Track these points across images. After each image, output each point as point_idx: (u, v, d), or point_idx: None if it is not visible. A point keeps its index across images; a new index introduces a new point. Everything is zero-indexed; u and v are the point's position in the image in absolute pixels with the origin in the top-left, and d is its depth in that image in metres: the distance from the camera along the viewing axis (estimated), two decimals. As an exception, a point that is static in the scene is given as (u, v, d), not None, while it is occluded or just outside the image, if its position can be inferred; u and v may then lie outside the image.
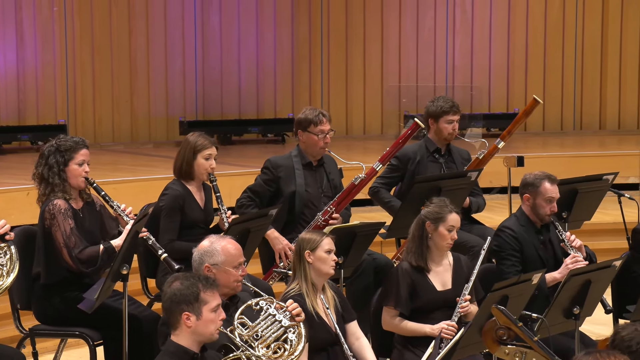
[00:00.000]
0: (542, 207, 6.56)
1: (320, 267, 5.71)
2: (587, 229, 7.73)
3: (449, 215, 6.09)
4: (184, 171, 6.75)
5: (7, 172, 9.87)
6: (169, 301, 4.80)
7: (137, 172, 9.93)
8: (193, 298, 4.76)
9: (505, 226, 6.61)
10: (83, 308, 5.90)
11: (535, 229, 6.60)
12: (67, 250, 5.99)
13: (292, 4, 12.26)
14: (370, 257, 6.96)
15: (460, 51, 12.59)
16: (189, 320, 4.75)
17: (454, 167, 7.55)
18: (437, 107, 7.54)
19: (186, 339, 4.79)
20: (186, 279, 4.83)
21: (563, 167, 9.66)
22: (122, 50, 11.80)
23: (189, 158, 6.73)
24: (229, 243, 5.44)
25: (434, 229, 6.08)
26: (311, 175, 7.15)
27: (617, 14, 12.68)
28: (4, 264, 5.34)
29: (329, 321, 5.70)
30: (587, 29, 12.67)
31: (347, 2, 12.38)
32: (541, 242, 6.60)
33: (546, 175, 6.59)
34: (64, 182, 6.08)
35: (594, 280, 5.91)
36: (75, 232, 5.99)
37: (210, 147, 6.74)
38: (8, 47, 11.40)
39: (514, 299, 5.64)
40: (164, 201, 6.68)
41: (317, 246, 5.70)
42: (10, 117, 11.47)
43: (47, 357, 6.64)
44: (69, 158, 6.09)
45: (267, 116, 12.24)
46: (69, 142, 6.13)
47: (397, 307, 6.01)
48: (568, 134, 12.66)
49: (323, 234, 5.83)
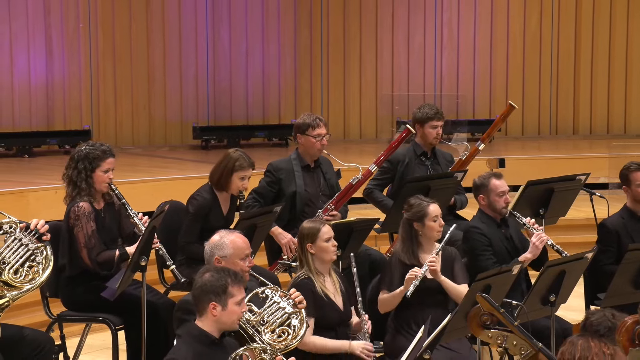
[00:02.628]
0: (497, 202, 6.56)
1: (322, 256, 5.70)
2: (562, 225, 7.73)
3: (428, 208, 6.08)
4: (220, 183, 6.66)
5: (37, 173, 9.87)
6: (199, 290, 4.78)
7: (154, 173, 9.92)
8: (221, 290, 4.74)
9: (472, 226, 6.60)
10: (106, 296, 5.90)
11: (496, 224, 6.59)
12: (87, 251, 6.00)
13: (294, 21, 12.25)
14: (365, 252, 6.96)
15: (447, 63, 12.58)
16: (215, 309, 4.73)
17: (439, 169, 7.54)
18: (423, 113, 7.52)
19: (209, 325, 4.77)
20: (217, 272, 4.80)
21: (540, 168, 9.65)
22: (140, 62, 11.79)
23: (227, 174, 6.63)
24: (237, 237, 5.43)
25: (422, 226, 6.07)
26: (309, 176, 7.14)
27: (589, 30, 12.67)
28: (41, 262, 5.36)
29: (337, 301, 5.71)
30: (562, 43, 12.66)
31: (345, 19, 12.37)
32: (504, 236, 6.60)
33: (491, 174, 6.62)
34: (90, 187, 6.08)
35: (568, 270, 5.91)
36: (95, 235, 6.00)
37: (248, 169, 6.65)
38: (38, 59, 11.40)
39: (496, 287, 5.64)
40: (193, 205, 6.62)
41: (316, 237, 5.69)
42: (40, 122, 11.47)
43: (73, 340, 6.63)
44: (96, 165, 6.08)
45: (272, 122, 12.23)
46: (97, 151, 6.11)
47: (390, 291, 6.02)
48: (544, 138, 12.65)
49: (321, 222, 5.80)
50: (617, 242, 6.82)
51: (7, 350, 5.32)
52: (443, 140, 7.62)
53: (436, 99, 12.30)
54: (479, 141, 7.67)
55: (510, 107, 7.69)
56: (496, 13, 12.55)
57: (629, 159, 7.14)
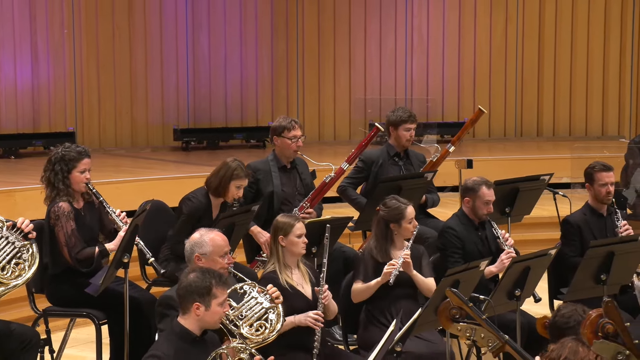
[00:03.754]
0: (480, 209, 6.56)
1: (292, 250, 5.71)
2: (526, 223, 7.75)
3: (406, 210, 6.08)
4: (217, 190, 6.63)
5: (24, 174, 9.80)
6: (184, 289, 4.75)
7: (137, 174, 9.87)
8: (205, 292, 4.71)
9: (448, 227, 6.60)
10: (90, 292, 5.86)
11: (474, 226, 6.60)
12: (67, 249, 5.96)
13: (271, 28, 12.23)
14: (340, 250, 6.95)
15: (417, 68, 12.59)
16: (199, 310, 4.71)
17: (411, 169, 7.55)
18: (396, 116, 7.52)
19: (192, 324, 4.75)
20: (202, 273, 4.77)
21: (506, 168, 9.67)
22: (123, 67, 11.73)
23: (225, 182, 6.60)
24: (216, 235, 5.41)
25: (398, 227, 6.07)
26: (286, 176, 7.13)
27: (552, 38, 12.72)
28: (27, 259, 5.32)
29: (304, 291, 5.69)
30: (526, 50, 12.70)
31: (320, 26, 12.36)
32: (480, 238, 6.60)
33: (484, 181, 6.59)
34: (68, 187, 6.03)
35: (533, 266, 5.92)
36: (75, 234, 5.95)
37: (245, 179, 6.64)
38: (24, 64, 11.32)
39: (464, 283, 5.65)
40: (188, 207, 6.58)
41: (289, 232, 5.69)
42: (26, 125, 11.39)
43: (58, 334, 6.58)
44: (72, 167, 6.03)
45: (250, 124, 12.20)
46: (73, 152, 6.06)
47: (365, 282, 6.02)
48: (510, 140, 12.69)
49: (296, 219, 5.80)
50: (579, 236, 6.86)
51: (-6, 344, 5.30)
52: (414, 141, 7.63)
53: (407, 102, 12.31)
54: (450, 144, 7.68)
55: (479, 112, 7.70)
56: (464, 21, 12.57)
57: (590, 160, 7.17)
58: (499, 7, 12.58)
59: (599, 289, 6.30)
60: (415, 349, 5.75)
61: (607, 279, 6.27)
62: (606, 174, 6.91)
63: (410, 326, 5.29)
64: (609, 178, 6.91)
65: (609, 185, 6.89)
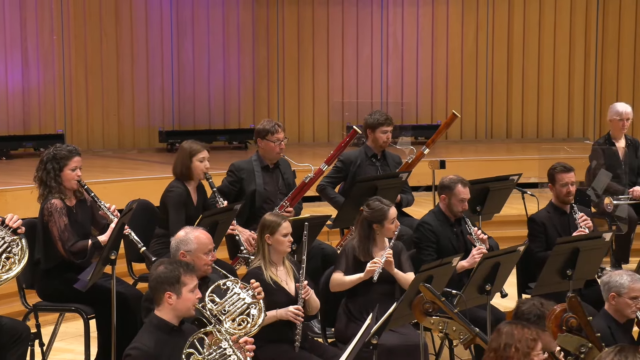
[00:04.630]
0: (456, 206, 6.58)
1: (277, 248, 5.71)
2: (497, 220, 7.78)
3: (389, 212, 6.09)
4: (184, 173, 6.66)
5: (15, 174, 9.75)
6: (155, 281, 4.76)
7: (124, 174, 9.84)
8: (175, 280, 4.73)
9: (424, 221, 6.62)
10: (78, 287, 5.85)
11: (449, 222, 6.62)
12: (61, 243, 5.94)
13: (253, 35, 12.22)
14: (318, 247, 6.95)
15: (393, 73, 12.61)
16: (171, 298, 4.72)
17: (388, 170, 7.56)
18: (374, 119, 7.54)
19: (167, 314, 4.75)
20: (170, 264, 4.81)
21: (477, 169, 9.70)
22: (110, 71, 11.69)
23: (186, 162, 6.65)
24: (201, 233, 5.41)
25: (381, 227, 6.08)
26: (269, 176, 7.12)
27: (520, 45, 12.75)
28: (17, 253, 5.30)
29: (288, 287, 5.68)
30: (496, 56, 12.74)
31: (299, 34, 12.35)
32: (454, 234, 6.62)
33: (459, 180, 6.61)
34: (60, 184, 6.02)
35: (502, 262, 5.94)
36: (68, 228, 5.95)
37: (203, 150, 6.70)
38: (15, 68, 11.27)
39: (437, 278, 5.65)
40: (171, 198, 6.58)
41: (276, 230, 5.69)
42: (17, 127, 11.33)
43: (48, 328, 6.56)
44: (64, 165, 6.03)
45: (232, 126, 12.18)
46: (63, 151, 6.06)
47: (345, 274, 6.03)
48: (481, 142, 12.73)
49: (282, 218, 5.79)
50: (544, 233, 6.90)
51: (-15, 338, 5.27)
52: (390, 143, 7.64)
53: (383, 106, 12.32)
54: (424, 146, 7.70)
55: (453, 116, 7.72)
56: (437, 28, 12.60)
57: (556, 160, 7.22)
58: (470, 16, 12.62)
59: (565, 283, 6.33)
60: (390, 342, 5.76)
61: (573, 274, 6.31)
62: (566, 175, 6.96)
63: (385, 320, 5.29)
64: (569, 178, 6.96)
65: (570, 185, 6.94)
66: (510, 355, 4.22)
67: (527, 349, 4.23)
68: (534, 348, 4.22)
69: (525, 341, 4.25)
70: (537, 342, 4.27)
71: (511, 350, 4.21)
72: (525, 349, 4.23)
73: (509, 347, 4.22)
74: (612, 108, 8.55)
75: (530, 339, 4.27)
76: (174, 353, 4.67)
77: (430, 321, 4.87)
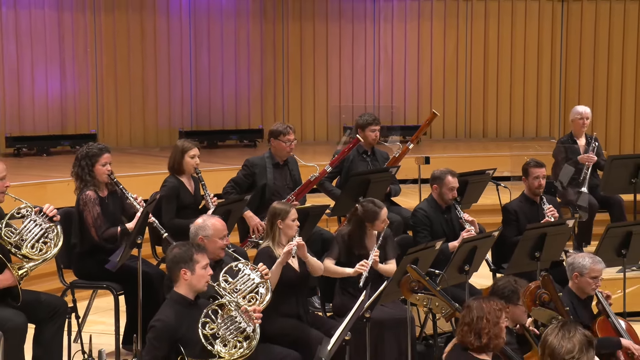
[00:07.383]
0: (446, 194, 6.59)
1: (287, 232, 5.71)
2: (474, 209, 7.76)
3: (380, 213, 6.06)
4: (176, 168, 6.67)
5: (53, 169, 9.76)
6: (171, 262, 4.79)
7: (148, 169, 9.84)
8: (189, 258, 4.76)
9: (419, 208, 6.64)
10: (109, 268, 5.86)
11: (441, 210, 6.62)
12: (94, 229, 5.95)
13: (261, 47, 12.21)
14: (318, 232, 6.95)
15: (384, 81, 12.59)
16: (186, 275, 4.74)
17: (377, 165, 7.56)
18: (363, 120, 7.54)
19: (184, 289, 4.77)
20: (183, 246, 4.85)
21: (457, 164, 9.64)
22: (137, 79, 11.69)
23: (179, 158, 6.65)
24: (217, 221, 5.42)
25: (372, 225, 6.06)
26: (279, 172, 7.11)
27: (495, 55, 12.73)
28: (52, 238, 5.31)
29: (293, 264, 5.68)
30: (474, 65, 12.72)
31: (302, 45, 12.34)
32: (445, 220, 6.62)
33: (449, 171, 6.63)
34: (93, 178, 6.04)
35: (479, 246, 5.94)
36: (100, 217, 5.97)
37: (194, 148, 6.68)
38: (54, 78, 11.28)
39: (423, 260, 5.65)
40: (163, 190, 6.60)
41: (286, 216, 5.69)
42: (55, 128, 11.34)
43: (83, 303, 6.56)
44: (95, 161, 6.06)
45: (243, 127, 12.17)
46: (95, 149, 6.09)
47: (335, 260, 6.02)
48: (461, 141, 12.71)
49: (290, 206, 5.80)
50: (516, 220, 6.90)
51: (27, 311, 5.27)
52: (380, 141, 7.64)
53: (375, 109, 12.31)
54: (409, 142, 7.70)
55: (433, 115, 7.73)
56: (422, 42, 12.59)
57: (527, 157, 7.21)
58: (451, 31, 12.62)
59: (533, 264, 6.34)
60: (381, 315, 5.75)
61: (541, 256, 6.31)
62: (538, 169, 6.97)
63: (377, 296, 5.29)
64: (541, 172, 6.97)
65: (541, 178, 6.95)
66: (483, 326, 4.24)
67: (496, 318, 4.28)
68: (501, 317, 4.29)
69: (494, 312, 4.29)
70: (502, 312, 4.32)
71: (483, 322, 4.24)
72: (495, 318, 4.28)
73: (480, 319, 4.25)
74: (574, 109, 8.53)
75: (497, 309, 4.32)
76: (191, 324, 4.69)
77: (416, 297, 4.88)
